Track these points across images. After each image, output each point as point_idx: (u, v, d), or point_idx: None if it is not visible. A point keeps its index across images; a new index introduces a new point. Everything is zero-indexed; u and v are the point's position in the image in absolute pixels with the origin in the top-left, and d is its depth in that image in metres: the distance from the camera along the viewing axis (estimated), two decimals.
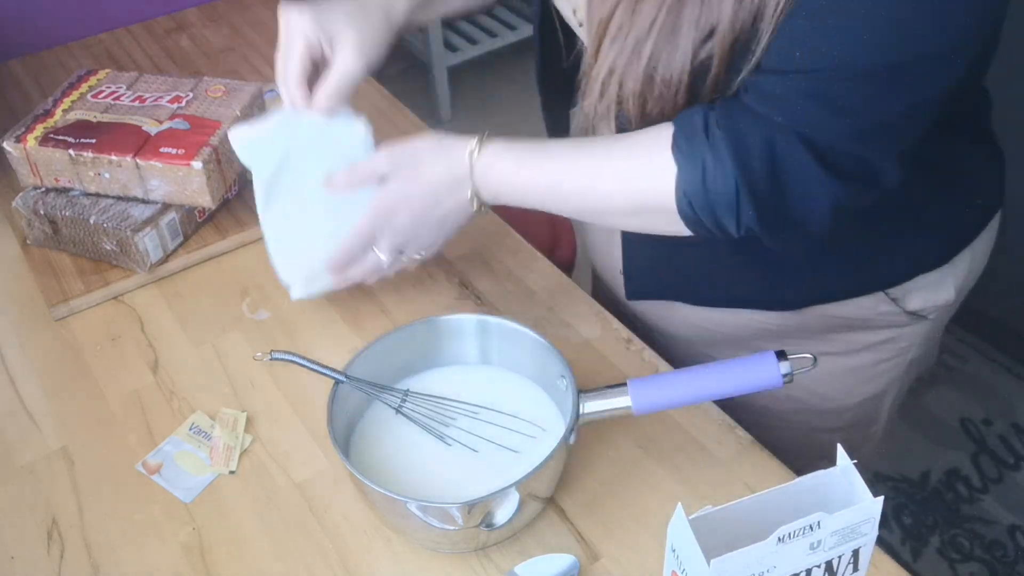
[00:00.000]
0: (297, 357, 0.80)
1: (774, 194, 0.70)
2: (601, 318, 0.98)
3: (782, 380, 0.73)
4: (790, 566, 0.54)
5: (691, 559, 0.53)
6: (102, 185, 1.06)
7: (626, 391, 0.75)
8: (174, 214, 1.06)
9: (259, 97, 1.14)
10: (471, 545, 0.78)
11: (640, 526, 0.79)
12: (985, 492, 1.87)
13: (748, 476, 0.82)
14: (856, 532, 0.54)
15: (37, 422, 0.92)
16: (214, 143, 1.04)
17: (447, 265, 1.06)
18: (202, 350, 0.98)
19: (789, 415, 1.00)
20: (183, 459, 0.87)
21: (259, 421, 0.91)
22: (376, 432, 0.83)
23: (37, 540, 0.82)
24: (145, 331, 1.01)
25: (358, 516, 0.82)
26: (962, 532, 1.81)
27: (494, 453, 0.80)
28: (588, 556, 0.78)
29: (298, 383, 0.93)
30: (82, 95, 1.12)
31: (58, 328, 1.02)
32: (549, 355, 0.81)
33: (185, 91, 1.12)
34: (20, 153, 1.06)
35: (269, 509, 0.83)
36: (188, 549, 0.80)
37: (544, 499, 0.79)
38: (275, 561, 0.79)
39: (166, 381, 0.95)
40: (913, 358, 0.98)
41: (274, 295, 1.04)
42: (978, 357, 2.12)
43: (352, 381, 0.80)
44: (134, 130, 1.06)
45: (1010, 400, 2.04)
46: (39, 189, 1.08)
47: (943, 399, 2.03)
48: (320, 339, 0.99)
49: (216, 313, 1.03)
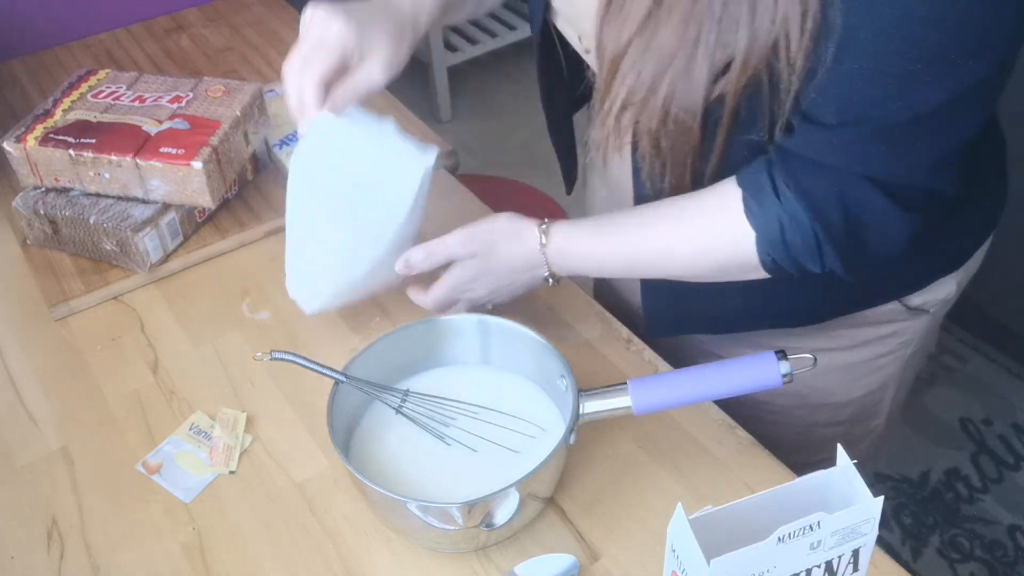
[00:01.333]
0: (297, 357, 0.80)
1: (853, 238, 0.72)
2: (601, 318, 0.98)
3: (782, 380, 0.73)
4: (790, 566, 0.54)
5: (691, 559, 0.53)
6: (102, 185, 1.06)
7: (626, 391, 0.75)
8: (174, 214, 1.06)
9: (259, 97, 1.14)
10: (471, 545, 0.78)
11: (640, 526, 0.79)
12: (985, 492, 1.87)
13: (748, 476, 0.82)
14: (856, 532, 0.54)
15: (37, 422, 0.92)
16: (214, 143, 1.04)
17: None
18: (202, 350, 0.98)
19: (789, 410, 1.00)
20: (183, 459, 0.87)
21: (259, 421, 0.91)
22: (376, 432, 0.83)
23: (37, 540, 0.82)
24: (145, 331, 1.01)
25: (358, 516, 0.82)
26: (962, 532, 1.81)
27: (494, 453, 0.80)
28: (588, 556, 0.78)
29: (298, 383, 0.93)
30: (82, 95, 1.12)
31: (58, 328, 1.02)
32: (549, 355, 0.81)
33: (185, 91, 1.12)
34: (20, 153, 1.06)
35: (269, 509, 0.83)
36: (188, 549, 0.80)
37: (544, 499, 0.79)
38: (275, 561, 0.79)
39: (166, 381, 0.95)
40: (913, 351, 0.98)
41: (274, 295, 1.04)
42: (978, 357, 2.12)
43: (352, 381, 0.80)
44: (134, 130, 1.06)
45: (1010, 400, 2.04)
46: (39, 189, 1.09)
47: (943, 399, 2.03)
48: (320, 339, 0.99)
49: (216, 313, 1.03)
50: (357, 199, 0.87)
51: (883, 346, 0.95)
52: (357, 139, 0.85)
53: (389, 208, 0.86)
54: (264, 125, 1.16)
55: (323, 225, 0.89)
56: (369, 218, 0.87)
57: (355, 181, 0.86)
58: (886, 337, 0.95)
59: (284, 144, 1.21)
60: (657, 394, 0.75)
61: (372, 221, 0.87)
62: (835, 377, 0.97)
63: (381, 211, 0.87)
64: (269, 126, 1.18)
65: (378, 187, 0.86)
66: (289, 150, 1.19)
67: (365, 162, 0.86)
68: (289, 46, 0.85)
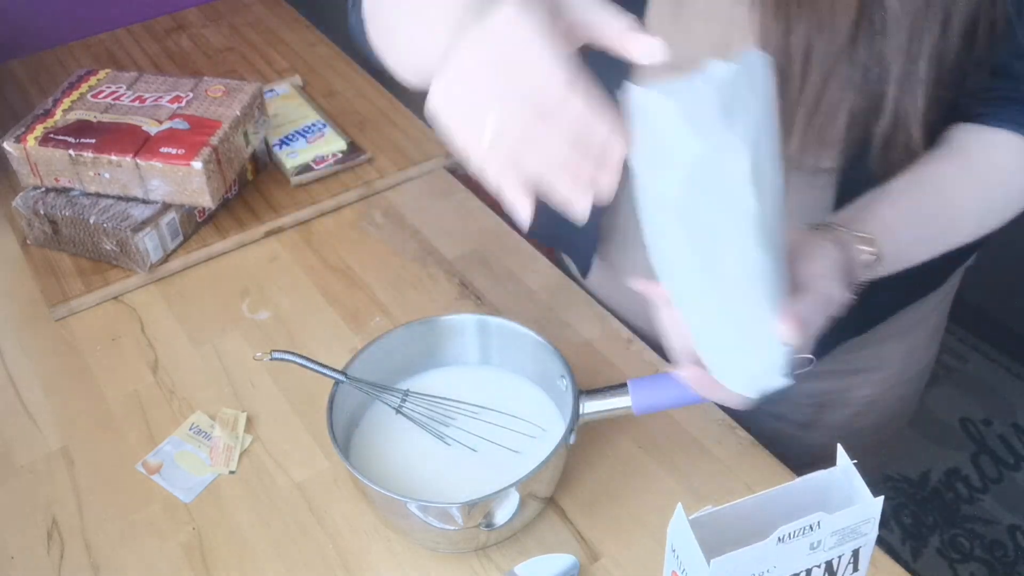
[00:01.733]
0: (297, 357, 0.80)
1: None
2: (601, 318, 0.98)
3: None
4: (790, 566, 0.54)
5: (691, 559, 0.53)
6: (102, 185, 1.06)
7: (626, 391, 0.75)
8: (174, 214, 1.06)
9: (259, 97, 1.14)
10: (471, 545, 0.78)
11: (640, 526, 0.79)
12: (985, 492, 1.87)
13: (748, 476, 0.82)
14: (856, 532, 0.54)
15: (37, 422, 0.92)
16: (214, 143, 1.04)
17: (447, 265, 1.06)
18: (202, 350, 0.98)
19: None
20: (183, 459, 0.87)
21: (259, 421, 0.91)
22: (376, 432, 0.83)
23: (37, 540, 0.82)
24: (145, 331, 1.01)
25: (358, 516, 0.82)
26: (962, 532, 1.81)
27: (494, 453, 0.80)
28: (588, 556, 0.78)
29: (298, 383, 0.93)
30: (82, 95, 1.12)
31: (58, 328, 1.02)
32: (549, 355, 0.81)
33: (185, 91, 1.12)
34: (20, 153, 1.06)
35: (269, 509, 0.83)
36: (188, 549, 0.80)
37: (544, 499, 0.79)
38: (275, 561, 0.79)
39: (166, 381, 0.95)
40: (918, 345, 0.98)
41: (274, 295, 1.04)
42: (978, 357, 2.12)
43: (352, 381, 0.80)
44: (134, 130, 1.06)
45: (1010, 400, 2.04)
46: (39, 189, 1.09)
47: (943, 399, 2.03)
48: (320, 339, 0.99)
49: (216, 313, 1.03)
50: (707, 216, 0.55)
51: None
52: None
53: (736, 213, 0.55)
54: (264, 125, 1.16)
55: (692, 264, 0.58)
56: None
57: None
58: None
59: (284, 144, 1.21)
60: (657, 394, 0.75)
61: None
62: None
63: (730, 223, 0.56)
64: (269, 126, 1.19)
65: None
66: (291, 150, 1.19)
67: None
68: (289, 46, 0.85)
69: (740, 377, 0.61)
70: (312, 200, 1.15)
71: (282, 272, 1.08)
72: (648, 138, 0.51)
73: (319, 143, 1.21)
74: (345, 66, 1.41)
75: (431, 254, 1.08)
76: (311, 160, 1.19)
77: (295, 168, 1.18)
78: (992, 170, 0.74)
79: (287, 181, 1.18)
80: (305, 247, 1.11)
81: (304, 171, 1.18)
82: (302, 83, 1.37)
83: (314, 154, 1.19)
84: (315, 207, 1.15)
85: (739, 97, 0.51)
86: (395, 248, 1.09)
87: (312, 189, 1.17)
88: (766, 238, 0.55)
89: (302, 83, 1.37)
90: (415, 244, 1.10)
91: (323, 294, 1.04)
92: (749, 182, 0.52)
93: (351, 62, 1.42)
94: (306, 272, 1.07)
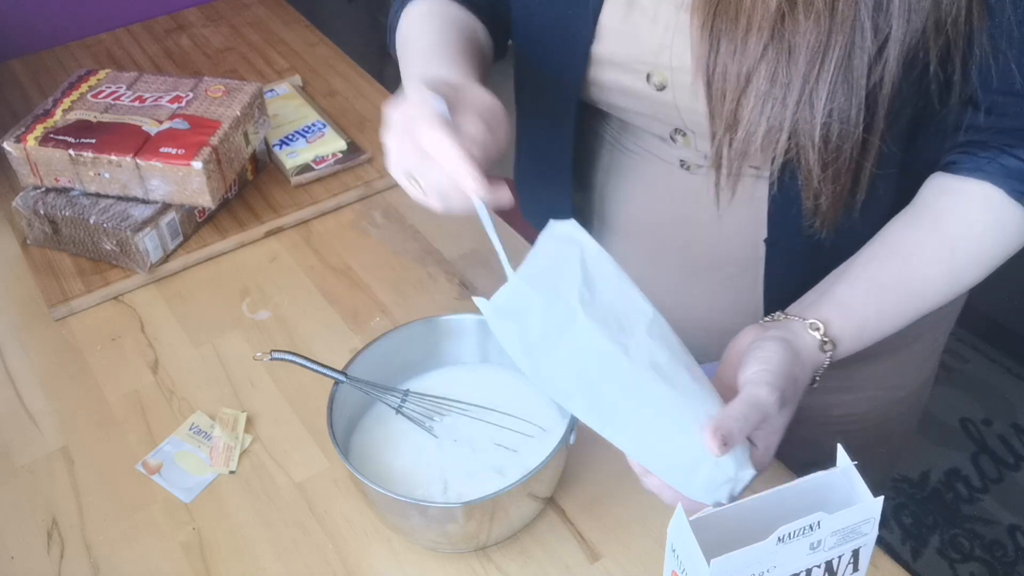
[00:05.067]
0: (297, 357, 0.80)
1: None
2: None
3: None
4: (790, 566, 0.54)
5: (691, 559, 0.53)
6: (102, 185, 1.06)
7: None
8: (174, 214, 1.06)
9: (259, 97, 1.14)
10: (471, 545, 0.78)
11: (640, 526, 0.79)
12: (985, 492, 1.87)
13: None
14: (856, 532, 0.54)
15: (37, 422, 0.92)
16: (214, 143, 1.04)
17: (447, 265, 1.06)
18: (202, 350, 0.98)
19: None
20: (183, 459, 0.87)
21: (259, 421, 0.91)
22: (376, 432, 0.83)
23: (37, 540, 0.82)
24: (145, 331, 1.01)
25: (358, 516, 0.82)
26: (962, 532, 1.81)
27: (494, 453, 0.80)
28: (588, 556, 0.77)
29: (298, 383, 0.93)
30: (82, 95, 1.12)
31: (58, 328, 1.02)
32: None
33: (185, 91, 1.12)
34: (20, 153, 1.06)
35: (269, 509, 0.83)
36: (188, 549, 0.80)
37: (544, 499, 0.79)
38: (275, 561, 0.79)
39: (166, 381, 0.95)
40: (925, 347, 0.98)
41: (274, 295, 1.04)
42: (978, 357, 2.12)
43: (352, 381, 0.80)
44: (134, 130, 1.06)
45: (1010, 400, 2.04)
46: (39, 189, 1.09)
47: (943, 399, 2.03)
48: (320, 339, 0.99)
49: (216, 313, 1.03)
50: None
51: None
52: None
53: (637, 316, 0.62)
54: (264, 125, 1.16)
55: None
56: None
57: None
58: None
59: (284, 144, 1.21)
60: None
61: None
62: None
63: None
64: (269, 126, 1.18)
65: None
66: (291, 150, 1.20)
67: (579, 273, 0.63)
68: (289, 46, 0.85)
69: (698, 489, 0.62)
70: (312, 200, 1.15)
71: (282, 272, 1.08)
72: (502, 337, 0.63)
73: (319, 143, 1.21)
74: (345, 66, 1.41)
75: (431, 254, 1.08)
76: (311, 160, 1.19)
77: (295, 168, 1.18)
78: (963, 229, 0.73)
79: (287, 181, 1.18)
80: (305, 247, 1.11)
81: (304, 171, 1.18)
82: (302, 83, 1.37)
83: (314, 154, 1.19)
84: (315, 207, 1.15)
85: (554, 270, 0.63)
86: (395, 248, 1.09)
87: (312, 189, 1.17)
88: (650, 371, 0.61)
89: (302, 83, 1.37)
90: (415, 244, 1.10)
91: (323, 294, 1.04)
92: (598, 333, 0.60)
93: (351, 62, 1.42)
94: (306, 272, 1.07)
